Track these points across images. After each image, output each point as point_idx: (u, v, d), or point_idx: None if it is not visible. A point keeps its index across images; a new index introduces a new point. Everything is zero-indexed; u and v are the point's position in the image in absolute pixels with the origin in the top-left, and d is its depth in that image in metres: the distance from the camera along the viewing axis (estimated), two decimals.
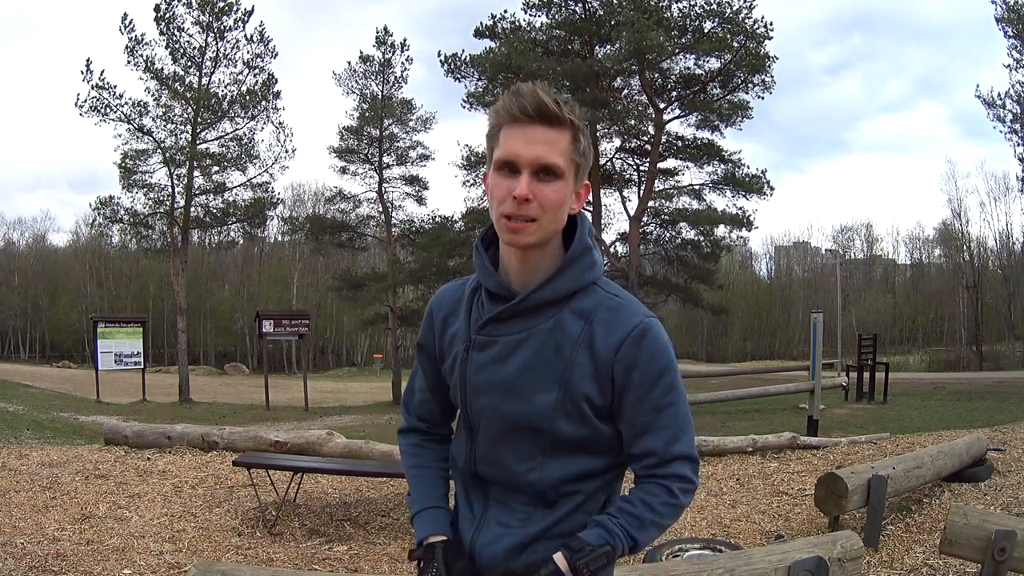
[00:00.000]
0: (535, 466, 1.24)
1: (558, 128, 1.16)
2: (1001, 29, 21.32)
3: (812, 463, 6.89)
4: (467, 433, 1.32)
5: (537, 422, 1.21)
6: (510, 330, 1.23)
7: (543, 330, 1.22)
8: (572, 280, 1.22)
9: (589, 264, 1.24)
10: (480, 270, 1.28)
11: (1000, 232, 40.41)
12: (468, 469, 1.32)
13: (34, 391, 19.26)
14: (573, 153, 1.18)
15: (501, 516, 1.28)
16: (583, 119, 1.19)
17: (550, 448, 1.23)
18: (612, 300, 1.23)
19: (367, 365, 46.68)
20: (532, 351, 1.22)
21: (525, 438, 1.23)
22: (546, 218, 1.17)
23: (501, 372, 1.23)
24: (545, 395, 1.20)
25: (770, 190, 23.32)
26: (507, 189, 1.16)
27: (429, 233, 24.20)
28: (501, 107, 1.18)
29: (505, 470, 1.26)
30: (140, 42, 21.47)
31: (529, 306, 1.22)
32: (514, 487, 1.27)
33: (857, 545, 2.95)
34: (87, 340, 37.71)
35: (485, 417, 1.26)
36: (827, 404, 12.61)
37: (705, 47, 21.49)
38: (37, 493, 5.50)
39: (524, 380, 1.22)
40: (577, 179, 1.21)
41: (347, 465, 6.01)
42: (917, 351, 44.43)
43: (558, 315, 1.22)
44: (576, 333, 1.21)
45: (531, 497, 1.26)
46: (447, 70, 23.65)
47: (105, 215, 22.76)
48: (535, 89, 1.16)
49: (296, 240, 42.32)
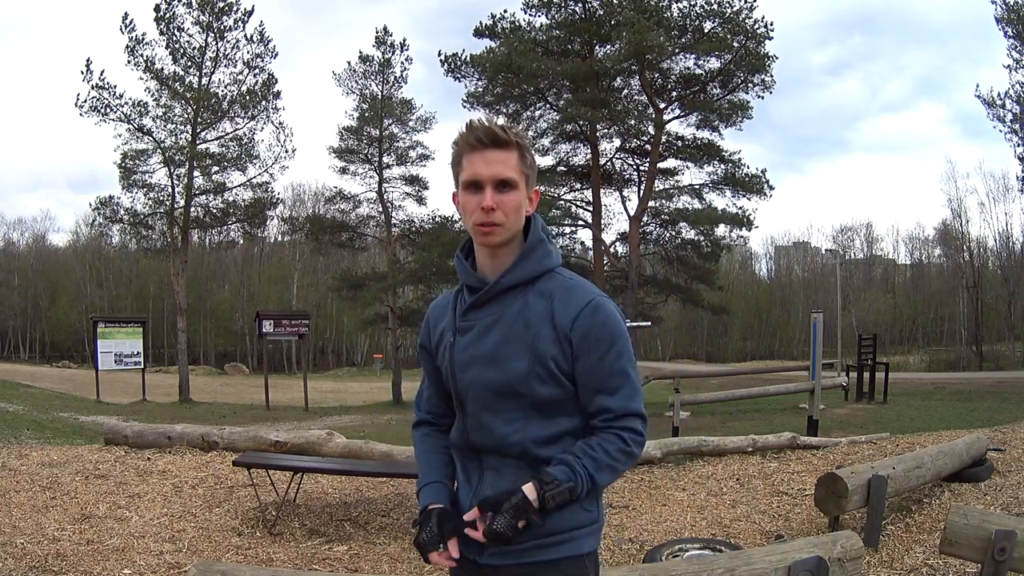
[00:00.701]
0: (519, 427, 1.45)
1: (507, 149, 1.44)
2: (1001, 29, 21.34)
3: (812, 463, 6.89)
4: (459, 409, 1.54)
5: (516, 386, 1.43)
6: (486, 313, 1.49)
7: (513, 310, 1.47)
8: (532, 266, 1.48)
9: (544, 253, 1.50)
10: (461, 271, 1.55)
11: (1000, 232, 40.52)
12: (463, 441, 1.53)
13: (34, 391, 19.27)
14: (522, 166, 1.46)
15: (493, 480, 1.47)
16: (526, 139, 1.49)
17: (529, 409, 1.45)
18: (569, 282, 1.49)
19: (367, 365, 46.70)
20: (505, 327, 1.46)
21: (508, 401, 1.45)
22: (508, 221, 1.45)
23: (481, 347, 1.47)
24: (519, 362, 1.43)
25: (770, 190, 23.35)
26: (476, 203, 1.44)
27: (429, 233, 24.19)
28: (461, 139, 1.46)
29: (492, 434, 1.47)
30: (140, 42, 21.50)
31: (499, 290, 1.48)
32: (503, 450, 1.47)
33: (857, 545, 2.95)
34: (87, 340, 37.73)
35: (472, 388, 1.48)
36: (827, 404, 12.61)
37: (705, 47, 21.49)
38: (37, 493, 5.50)
39: (501, 351, 1.45)
40: (528, 187, 1.48)
41: (347, 465, 6.01)
42: (917, 351, 44.41)
43: (524, 297, 1.47)
44: (541, 309, 1.45)
45: (517, 458, 1.46)
46: (447, 70, 23.66)
47: (105, 215, 22.79)
48: (484, 121, 1.45)
49: (296, 240, 42.33)
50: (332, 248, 28.57)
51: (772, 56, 21.87)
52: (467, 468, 1.54)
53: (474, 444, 1.51)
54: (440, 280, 24.89)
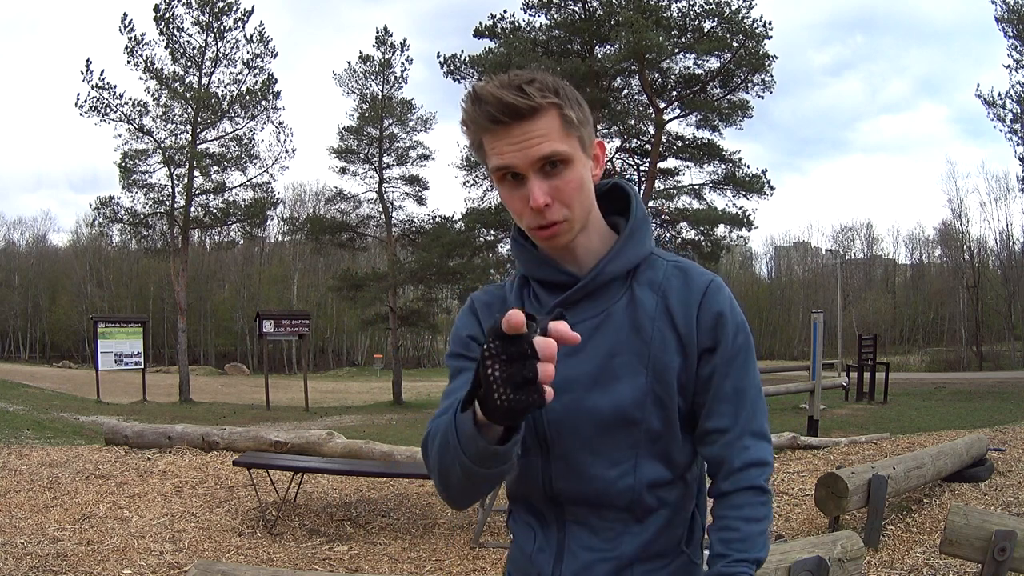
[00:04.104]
0: (628, 469, 1.09)
1: (539, 115, 1.02)
2: (1001, 29, 21.37)
3: (812, 463, 6.88)
4: (538, 450, 1.12)
5: (630, 413, 1.07)
6: (582, 316, 1.10)
7: (619, 309, 1.10)
8: (638, 249, 1.13)
9: (649, 231, 1.16)
10: (529, 261, 1.15)
11: (1000, 232, 40.52)
12: (542, 492, 1.14)
13: (34, 391, 19.26)
14: (568, 129, 1.04)
15: (585, 540, 1.11)
16: (558, 85, 1.05)
17: (644, 444, 1.09)
18: (677, 265, 1.13)
19: (367, 365, 46.66)
20: (612, 334, 1.09)
21: (617, 437, 1.09)
22: (575, 211, 1.06)
23: (582, 365, 1.08)
24: (634, 380, 1.07)
25: (770, 190, 23.36)
26: (521, 200, 1.05)
27: (429, 233, 24.19)
28: (471, 119, 1.04)
29: (591, 481, 1.10)
30: (140, 42, 21.50)
31: (600, 283, 1.10)
32: (600, 501, 1.11)
33: (857, 545, 2.95)
34: (87, 340, 37.73)
35: (567, 421, 1.09)
36: (827, 404, 12.61)
37: (705, 47, 21.49)
38: (37, 493, 5.50)
39: (609, 367, 1.08)
40: (585, 150, 1.08)
41: (347, 465, 6.01)
42: (917, 351, 44.43)
43: (629, 291, 1.11)
44: (652, 306, 1.09)
45: (620, 510, 1.10)
46: (446, 71, 23.65)
47: (105, 215, 22.78)
48: (494, 90, 1.01)
49: (296, 240, 42.34)
50: (332, 248, 28.57)
51: (772, 56, 21.88)
52: (541, 526, 1.15)
53: (558, 494, 1.12)
54: (440, 280, 24.92)
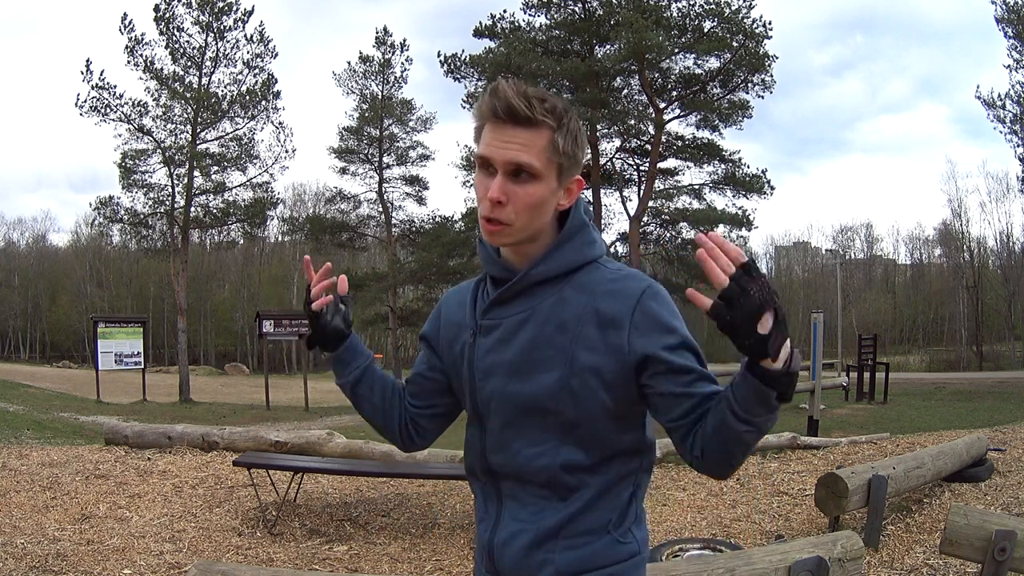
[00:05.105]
0: (546, 451, 1.18)
1: (533, 129, 1.12)
2: (1001, 30, 21.35)
3: (812, 463, 6.88)
4: (477, 423, 1.28)
5: (543, 402, 1.16)
6: (513, 311, 1.21)
7: (545, 307, 1.18)
8: (570, 254, 1.19)
9: (587, 240, 1.20)
10: (484, 259, 1.27)
11: (1000, 232, 40.46)
12: (481, 463, 1.27)
13: (34, 391, 19.24)
14: (551, 153, 1.13)
15: (514, 511, 1.23)
16: (565, 113, 1.14)
17: (558, 431, 1.18)
18: (616, 273, 1.18)
19: None
20: (535, 329, 1.18)
21: (534, 420, 1.19)
22: (521, 220, 1.15)
23: (506, 353, 1.20)
24: (550, 373, 1.16)
25: (770, 190, 23.41)
26: (485, 189, 1.15)
27: (429, 233, 24.23)
28: (481, 105, 1.16)
29: (515, 456, 1.21)
30: (140, 42, 21.50)
31: (529, 283, 1.19)
32: (525, 476, 1.21)
33: (857, 545, 2.95)
34: (87, 340, 37.71)
35: (494, 401, 1.22)
36: (827, 404, 12.61)
37: (704, 47, 21.50)
38: (37, 493, 5.50)
39: (528, 359, 1.18)
40: (561, 177, 1.16)
41: (347, 465, 6.01)
42: (917, 351, 44.43)
43: (559, 292, 1.18)
44: (580, 306, 1.16)
45: (541, 486, 1.20)
46: (447, 71, 23.69)
47: (105, 215, 22.79)
48: (508, 89, 1.12)
49: (296, 240, 42.35)
50: (332, 248, 28.59)
51: (772, 56, 21.91)
52: (485, 499, 1.28)
53: (492, 467, 1.25)
54: (440, 280, 24.93)
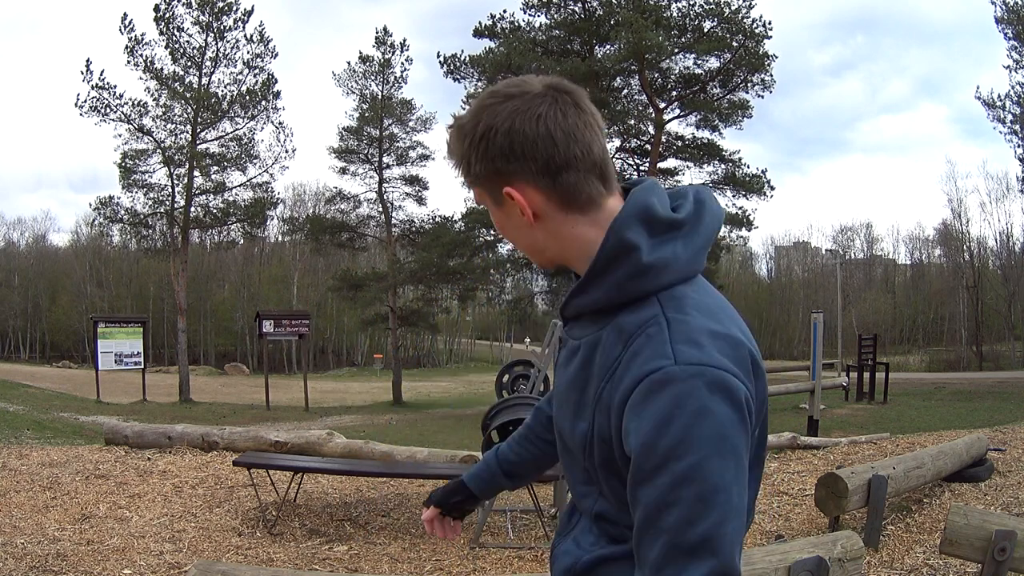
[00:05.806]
0: (589, 491, 1.00)
1: (458, 168, 0.99)
2: (1001, 30, 21.37)
3: (812, 463, 6.88)
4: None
5: (576, 451, 0.98)
6: (576, 332, 1.01)
7: (589, 343, 0.96)
8: (606, 291, 0.92)
9: (632, 272, 0.90)
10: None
11: (1000, 232, 40.49)
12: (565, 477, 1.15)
13: (34, 391, 19.25)
14: (470, 179, 0.98)
15: (580, 534, 1.04)
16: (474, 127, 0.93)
17: (595, 482, 0.98)
18: (656, 324, 0.88)
19: (367, 365, 46.65)
20: (577, 368, 0.98)
21: (576, 460, 1.00)
22: (517, 245, 1.02)
23: (562, 377, 1.04)
24: (581, 423, 0.95)
25: (770, 190, 23.38)
26: None
27: (429, 233, 24.21)
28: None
29: (574, 486, 1.05)
30: (140, 42, 21.52)
31: (573, 313, 0.99)
32: (578, 506, 1.07)
33: (857, 545, 2.95)
34: (87, 340, 37.71)
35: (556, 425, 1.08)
36: (827, 404, 12.62)
37: (704, 46, 21.50)
38: (37, 493, 5.50)
39: (567, 398, 1.01)
40: (496, 200, 0.97)
41: (347, 465, 6.02)
42: (917, 351, 44.44)
43: (600, 331, 0.94)
44: (612, 358, 0.90)
45: (593, 522, 1.03)
46: (446, 71, 23.66)
47: (105, 215, 22.82)
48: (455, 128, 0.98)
49: (296, 240, 42.35)
50: (332, 248, 28.59)
51: (772, 56, 21.90)
52: (571, 507, 1.10)
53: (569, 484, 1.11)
54: (440, 280, 24.92)
